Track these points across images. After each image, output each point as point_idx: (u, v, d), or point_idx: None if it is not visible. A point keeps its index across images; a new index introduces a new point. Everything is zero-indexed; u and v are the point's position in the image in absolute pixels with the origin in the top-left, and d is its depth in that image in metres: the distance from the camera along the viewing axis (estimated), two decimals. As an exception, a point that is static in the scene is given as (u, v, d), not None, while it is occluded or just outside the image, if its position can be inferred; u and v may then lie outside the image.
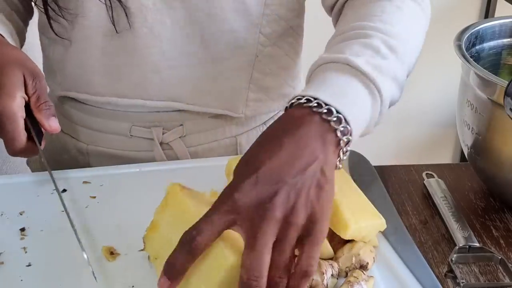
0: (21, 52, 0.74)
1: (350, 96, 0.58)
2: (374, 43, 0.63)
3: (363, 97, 0.60)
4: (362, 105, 0.59)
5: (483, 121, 0.71)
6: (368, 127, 0.61)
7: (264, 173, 0.52)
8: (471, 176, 0.82)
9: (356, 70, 0.60)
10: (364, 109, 0.59)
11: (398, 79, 0.64)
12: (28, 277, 0.62)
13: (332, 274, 0.59)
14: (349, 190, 0.66)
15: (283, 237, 0.51)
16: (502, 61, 0.82)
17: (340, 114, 0.55)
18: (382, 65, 0.62)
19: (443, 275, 0.65)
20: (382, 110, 0.62)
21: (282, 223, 0.51)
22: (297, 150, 0.53)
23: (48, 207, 0.71)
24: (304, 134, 0.54)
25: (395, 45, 0.65)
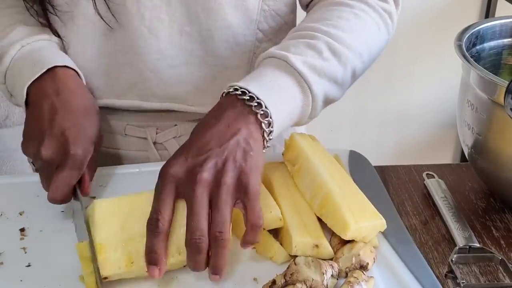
0: None
1: (277, 89, 0.66)
2: (318, 46, 0.70)
3: (292, 92, 0.67)
4: (289, 99, 0.67)
5: (483, 121, 0.71)
6: (301, 118, 0.69)
7: (193, 149, 0.59)
8: (472, 176, 0.82)
9: (292, 68, 0.67)
10: (291, 102, 0.67)
11: (338, 80, 0.72)
12: (28, 277, 0.62)
13: (332, 275, 0.59)
14: (349, 190, 0.66)
15: (217, 197, 0.57)
16: (503, 61, 0.82)
17: (261, 101, 0.62)
18: (320, 66, 0.69)
19: (443, 275, 0.65)
20: (315, 106, 0.69)
21: (214, 185, 0.57)
22: (222, 128, 0.61)
23: (48, 207, 0.71)
24: (228, 115, 0.62)
25: (339, 49, 0.71)
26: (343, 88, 0.74)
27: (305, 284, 0.57)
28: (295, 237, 0.62)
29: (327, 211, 0.64)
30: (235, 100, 0.63)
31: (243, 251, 0.64)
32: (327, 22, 0.73)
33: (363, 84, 2.07)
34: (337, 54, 0.71)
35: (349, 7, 0.76)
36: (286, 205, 0.66)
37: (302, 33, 0.73)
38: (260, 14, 0.80)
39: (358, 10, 0.76)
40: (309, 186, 0.67)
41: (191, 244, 0.56)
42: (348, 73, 0.73)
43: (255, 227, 0.58)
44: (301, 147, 0.71)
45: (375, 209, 0.64)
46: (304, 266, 0.59)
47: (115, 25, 0.77)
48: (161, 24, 0.76)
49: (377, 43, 0.78)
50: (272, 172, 0.72)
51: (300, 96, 0.68)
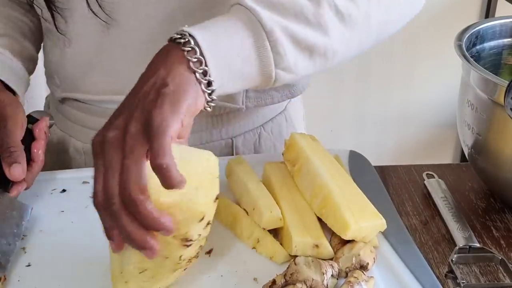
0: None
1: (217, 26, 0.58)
2: None
3: (235, 27, 0.58)
4: (231, 34, 0.58)
5: (483, 121, 0.71)
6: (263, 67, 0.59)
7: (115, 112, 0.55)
8: (472, 176, 0.82)
9: (245, 8, 0.59)
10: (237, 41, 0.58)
11: (308, 17, 0.60)
12: (28, 277, 0.62)
13: (332, 275, 0.59)
14: (349, 190, 0.66)
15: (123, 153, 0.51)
16: (503, 61, 0.82)
17: (190, 38, 0.56)
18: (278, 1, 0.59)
19: (443, 275, 0.65)
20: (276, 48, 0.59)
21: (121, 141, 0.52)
22: (143, 75, 0.56)
23: (48, 207, 0.71)
24: (154, 58, 0.57)
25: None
26: (324, 31, 0.61)
27: (305, 284, 0.57)
28: (295, 237, 0.62)
29: (327, 211, 0.64)
30: (167, 43, 0.58)
31: (243, 250, 0.64)
32: None
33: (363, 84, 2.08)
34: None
35: None
36: (286, 205, 0.66)
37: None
38: None
39: None
40: (309, 186, 0.67)
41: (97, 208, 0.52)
42: (326, 11, 0.61)
43: (160, 168, 0.50)
44: (301, 147, 0.71)
45: (375, 209, 0.64)
46: (304, 266, 0.59)
47: (110, 21, 0.76)
48: (155, 20, 0.76)
49: None
50: (272, 172, 0.72)
51: (246, 31, 0.58)
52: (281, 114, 0.92)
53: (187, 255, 0.56)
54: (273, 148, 0.91)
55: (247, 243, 0.65)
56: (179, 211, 0.52)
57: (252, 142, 0.89)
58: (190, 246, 0.55)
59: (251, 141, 0.89)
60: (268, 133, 0.91)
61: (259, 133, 0.89)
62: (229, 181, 0.74)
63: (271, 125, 0.91)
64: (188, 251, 0.55)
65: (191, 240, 0.54)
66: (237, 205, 0.69)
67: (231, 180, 0.73)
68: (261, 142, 0.90)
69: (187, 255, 0.56)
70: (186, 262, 0.57)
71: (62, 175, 0.78)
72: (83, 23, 0.77)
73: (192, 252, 0.57)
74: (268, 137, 0.91)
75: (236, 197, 0.71)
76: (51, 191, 0.74)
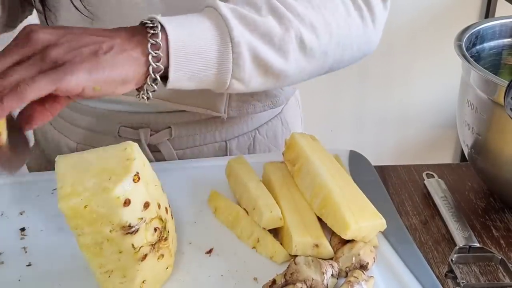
0: None
1: (190, 25, 0.61)
2: (258, 3, 0.65)
3: (206, 31, 0.61)
4: (201, 36, 0.61)
5: (483, 121, 0.71)
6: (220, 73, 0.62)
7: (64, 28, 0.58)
8: (472, 176, 0.82)
9: (217, 12, 0.62)
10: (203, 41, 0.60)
11: (274, 41, 0.64)
12: (28, 277, 0.62)
13: (332, 274, 0.59)
14: (349, 190, 0.66)
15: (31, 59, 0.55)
16: (503, 61, 0.82)
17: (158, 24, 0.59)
18: (252, 19, 0.63)
19: (443, 275, 0.65)
20: (238, 60, 0.62)
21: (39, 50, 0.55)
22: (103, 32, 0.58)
23: (48, 207, 0.71)
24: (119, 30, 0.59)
25: (280, 10, 0.64)
26: (284, 56, 0.65)
27: (305, 284, 0.57)
28: (295, 236, 0.62)
29: (327, 211, 0.64)
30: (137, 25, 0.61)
31: (243, 250, 0.64)
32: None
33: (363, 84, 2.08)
34: (278, 14, 0.64)
35: None
36: (286, 205, 0.67)
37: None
38: None
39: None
40: (309, 186, 0.67)
41: None
42: (291, 39, 0.65)
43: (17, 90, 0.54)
44: (301, 147, 0.71)
45: (375, 209, 0.64)
46: (304, 266, 0.59)
47: (95, 18, 0.75)
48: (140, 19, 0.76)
49: (344, 26, 0.69)
50: (272, 172, 0.72)
51: (216, 39, 0.61)
52: (277, 117, 0.92)
53: (139, 241, 0.55)
54: (267, 151, 0.91)
55: (247, 243, 0.66)
56: (96, 207, 0.52)
57: (246, 145, 0.89)
58: (138, 232, 0.54)
59: (245, 144, 0.89)
60: (263, 136, 0.91)
61: (254, 136, 0.90)
62: (229, 181, 0.74)
63: (266, 128, 0.91)
64: (139, 237, 0.54)
65: (132, 227, 0.53)
66: (237, 205, 0.69)
67: (231, 180, 0.74)
68: (256, 145, 0.90)
69: (140, 242, 0.55)
70: (148, 247, 0.56)
71: (62, 175, 0.78)
72: (69, 18, 0.77)
73: (148, 237, 0.55)
74: (263, 140, 0.91)
75: (236, 197, 0.71)
76: (51, 191, 0.74)
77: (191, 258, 0.61)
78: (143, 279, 0.57)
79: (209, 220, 0.69)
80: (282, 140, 0.93)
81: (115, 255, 0.55)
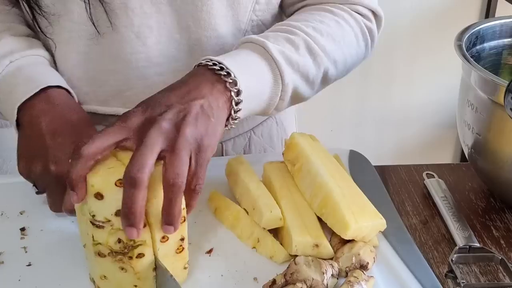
0: None
1: (251, 69, 0.66)
2: (296, 41, 0.71)
3: (264, 75, 0.67)
4: (261, 81, 0.67)
5: (483, 121, 0.71)
6: (268, 107, 0.69)
7: (153, 103, 0.58)
8: (472, 176, 0.82)
9: (268, 54, 0.68)
10: (262, 83, 0.67)
11: (309, 78, 0.73)
12: (28, 277, 0.62)
13: (332, 274, 0.59)
14: (349, 190, 0.66)
15: (174, 144, 0.55)
16: (503, 61, 0.82)
17: (230, 71, 0.62)
18: (295, 59, 0.70)
19: (443, 275, 0.65)
20: (283, 97, 0.70)
21: (172, 134, 0.56)
22: (187, 89, 0.60)
23: (48, 207, 0.71)
24: (195, 80, 0.62)
25: (315, 50, 0.72)
26: (312, 88, 0.75)
27: (305, 284, 0.57)
28: (295, 236, 0.62)
29: (327, 210, 0.64)
30: (205, 69, 0.63)
31: (243, 250, 0.64)
32: (308, 23, 0.74)
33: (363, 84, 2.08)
34: (313, 53, 0.72)
35: (332, 13, 0.77)
36: (286, 205, 0.67)
37: (282, 27, 0.73)
38: (248, 24, 0.79)
39: (340, 19, 0.77)
40: (309, 186, 0.67)
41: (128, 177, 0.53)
42: (320, 74, 0.74)
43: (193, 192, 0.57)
44: (301, 147, 0.71)
45: (375, 208, 0.64)
46: (304, 266, 0.59)
47: (103, 30, 0.75)
48: (149, 31, 0.75)
49: (354, 56, 0.79)
50: (272, 172, 0.72)
51: (271, 81, 0.68)
52: (272, 118, 0.92)
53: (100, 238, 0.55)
54: (263, 152, 0.91)
55: (247, 243, 0.66)
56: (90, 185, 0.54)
57: (242, 146, 0.89)
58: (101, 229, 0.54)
59: (240, 145, 0.89)
60: (258, 136, 0.91)
61: (249, 137, 0.90)
62: (229, 181, 0.74)
63: (261, 128, 0.91)
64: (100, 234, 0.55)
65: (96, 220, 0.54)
66: (237, 205, 0.69)
67: (231, 180, 0.74)
68: (251, 145, 0.90)
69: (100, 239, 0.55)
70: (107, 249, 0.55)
71: (62, 175, 0.78)
72: (72, 30, 0.76)
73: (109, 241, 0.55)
74: (258, 140, 0.91)
75: (236, 197, 0.71)
76: (51, 191, 0.74)
77: (191, 258, 0.61)
78: (103, 274, 0.57)
79: (209, 220, 0.69)
80: (277, 140, 0.93)
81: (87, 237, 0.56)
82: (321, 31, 0.74)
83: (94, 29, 0.75)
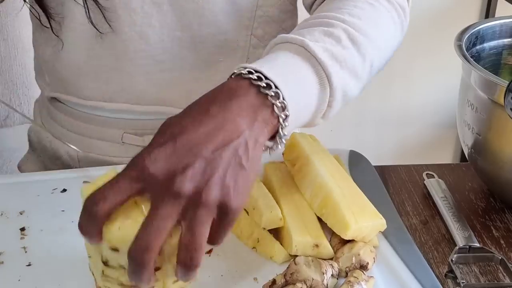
0: None
1: (296, 77, 0.56)
2: (335, 33, 0.62)
3: (310, 82, 0.58)
4: (307, 90, 0.57)
5: (483, 121, 0.71)
6: (314, 117, 0.59)
7: (182, 143, 0.48)
8: (472, 176, 0.82)
9: (311, 54, 0.58)
10: (308, 95, 0.57)
11: (358, 73, 0.62)
12: (28, 277, 0.62)
13: (332, 274, 0.59)
14: (349, 190, 0.66)
15: (193, 215, 0.47)
16: (503, 61, 0.82)
17: (279, 91, 0.52)
18: (341, 54, 0.60)
19: (443, 275, 0.65)
20: (332, 103, 0.60)
21: (192, 200, 0.47)
22: (223, 122, 0.49)
23: (48, 207, 0.71)
24: (235, 105, 0.51)
25: (358, 38, 0.63)
26: (361, 85, 0.65)
27: (305, 284, 0.57)
28: (295, 236, 0.62)
29: (327, 211, 0.64)
30: (248, 86, 0.53)
31: (243, 250, 0.64)
32: (341, 10, 0.65)
33: (363, 84, 2.08)
34: (357, 42, 0.63)
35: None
36: (286, 205, 0.66)
37: (315, 21, 0.64)
38: (255, 20, 0.78)
39: (372, 0, 0.69)
40: (309, 186, 0.67)
41: (132, 253, 0.47)
42: (367, 66, 0.64)
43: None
44: (301, 147, 0.71)
45: (375, 209, 0.64)
46: (304, 266, 0.59)
47: (105, 30, 0.76)
48: (152, 30, 0.76)
49: (392, 38, 0.70)
50: (272, 172, 0.72)
51: (317, 89, 0.58)
52: None
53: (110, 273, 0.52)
54: None
55: (247, 243, 0.65)
56: None
57: None
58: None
59: None
60: None
61: None
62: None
63: None
64: None
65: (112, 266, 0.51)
66: (237, 205, 0.69)
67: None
68: None
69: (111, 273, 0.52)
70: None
71: (63, 174, 0.78)
72: (75, 28, 0.77)
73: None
74: None
75: (236, 197, 0.71)
76: (51, 191, 0.74)
77: (191, 258, 0.61)
78: None
79: (209, 220, 0.69)
80: None
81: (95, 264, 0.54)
82: (358, 15, 0.65)
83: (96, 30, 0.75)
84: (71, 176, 0.77)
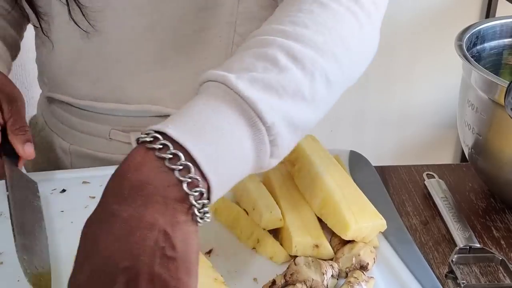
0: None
1: (216, 130, 0.47)
2: (270, 53, 0.52)
3: (237, 129, 0.48)
4: (235, 141, 0.48)
5: (484, 121, 0.71)
6: (258, 163, 0.50)
7: (98, 264, 0.43)
8: (472, 176, 0.82)
9: (234, 92, 0.48)
10: (237, 147, 0.48)
11: (303, 95, 0.52)
12: (28, 277, 0.61)
13: (332, 275, 0.59)
14: (349, 190, 0.66)
15: None
16: (503, 61, 0.82)
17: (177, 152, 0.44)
18: (276, 80, 0.50)
19: (443, 275, 0.65)
20: (274, 140, 0.50)
21: None
22: (133, 221, 0.43)
23: (48, 207, 0.71)
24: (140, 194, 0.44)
25: (300, 53, 0.52)
26: (317, 106, 0.54)
27: (305, 284, 0.57)
28: (295, 237, 0.62)
29: (327, 211, 0.64)
30: (152, 160, 0.45)
31: (243, 251, 0.64)
32: (282, 19, 0.56)
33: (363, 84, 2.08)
34: (299, 59, 0.52)
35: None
36: (286, 205, 0.66)
37: (250, 41, 0.55)
38: (237, 16, 0.78)
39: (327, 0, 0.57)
40: (309, 186, 0.67)
41: None
42: (319, 83, 0.53)
43: None
44: (301, 147, 0.71)
45: (375, 209, 0.64)
46: (304, 266, 0.59)
47: (92, 30, 0.77)
48: (135, 33, 0.76)
49: (357, 40, 0.58)
50: (272, 172, 0.72)
51: (248, 131, 0.48)
52: None
53: None
54: None
55: (247, 243, 0.65)
56: None
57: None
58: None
59: None
60: None
61: None
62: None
63: None
64: None
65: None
66: (237, 205, 0.69)
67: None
68: None
69: None
70: None
71: (62, 175, 0.78)
72: (64, 29, 0.78)
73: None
74: None
75: (236, 197, 0.71)
76: (51, 191, 0.74)
77: (191, 259, 0.61)
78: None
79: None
80: None
81: None
82: (304, 23, 0.55)
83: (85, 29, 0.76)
84: (71, 177, 0.77)
